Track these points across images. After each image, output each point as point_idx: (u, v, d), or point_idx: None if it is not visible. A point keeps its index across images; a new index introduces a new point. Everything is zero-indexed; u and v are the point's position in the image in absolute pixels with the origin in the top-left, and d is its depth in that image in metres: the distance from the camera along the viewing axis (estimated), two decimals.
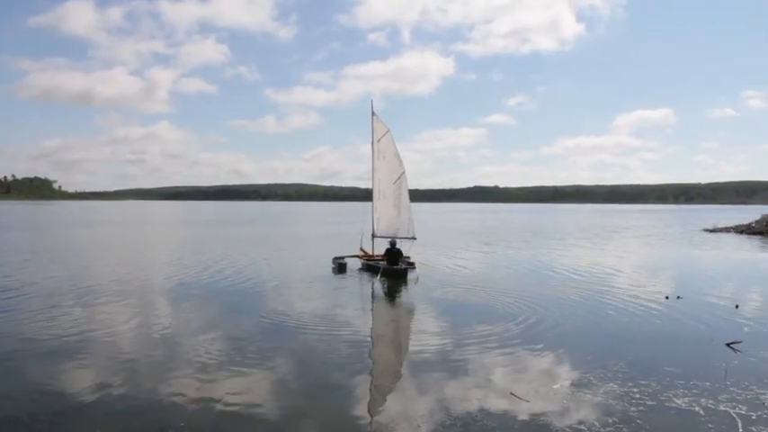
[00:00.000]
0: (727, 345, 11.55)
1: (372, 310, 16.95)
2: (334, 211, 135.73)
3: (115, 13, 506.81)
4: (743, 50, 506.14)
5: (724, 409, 8.06)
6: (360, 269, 24.20)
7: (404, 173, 24.16)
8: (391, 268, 21.87)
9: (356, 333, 13.11)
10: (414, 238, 24.05)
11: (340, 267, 23.88)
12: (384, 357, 11.67)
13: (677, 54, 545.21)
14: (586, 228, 65.26)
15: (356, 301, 17.64)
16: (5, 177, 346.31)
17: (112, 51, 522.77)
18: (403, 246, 23.35)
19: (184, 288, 18.93)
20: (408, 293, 19.15)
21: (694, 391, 8.77)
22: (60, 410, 7.98)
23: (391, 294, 19.19)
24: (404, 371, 10.20)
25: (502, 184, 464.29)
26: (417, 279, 21.38)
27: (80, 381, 9.18)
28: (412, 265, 22.58)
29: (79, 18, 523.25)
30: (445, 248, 35.02)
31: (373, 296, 19.03)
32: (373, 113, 24.96)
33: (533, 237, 48.87)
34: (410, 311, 16.65)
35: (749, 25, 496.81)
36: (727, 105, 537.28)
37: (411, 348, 11.89)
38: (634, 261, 29.51)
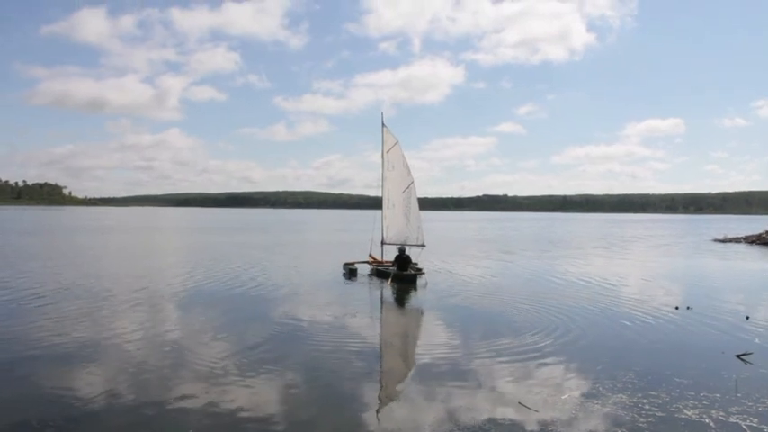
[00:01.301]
0: (738, 356, 11.47)
1: (382, 317, 16.97)
2: (344, 219, 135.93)
3: (127, 22, 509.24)
4: (753, 60, 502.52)
5: (734, 421, 8.01)
6: (369, 274, 24.88)
7: (412, 182, 24.88)
8: (401, 274, 22.61)
9: (366, 341, 13.13)
10: (423, 246, 24.58)
11: (350, 272, 24.80)
12: (393, 366, 11.67)
13: (687, 64, 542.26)
14: (601, 237, 64.97)
15: (366, 309, 17.67)
16: (16, 183, 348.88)
17: (124, 59, 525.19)
18: (412, 253, 24.02)
19: (195, 295, 19.01)
20: (420, 301, 19.25)
21: (704, 402, 8.72)
22: (70, 416, 8.02)
23: (402, 301, 19.38)
24: (413, 379, 10.17)
25: (511, 193, 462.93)
26: (426, 284, 21.91)
27: (90, 387, 9.22)
28: (420, 270, 23.13)
29: (92, 26, 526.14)
30: (463, 257, 35.15)
31: (383, 303, 19.18)
32: (383, 125, 25.79)
33: (550, 246, 48.64)
34: (420, 319, 16.66)
35: (759, 35, 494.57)
36: (737, 115, 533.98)
37: (420, 357, 11.87)
38: (646, 271, 29.34)
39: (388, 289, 21.16)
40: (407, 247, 24.14)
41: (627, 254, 40.83)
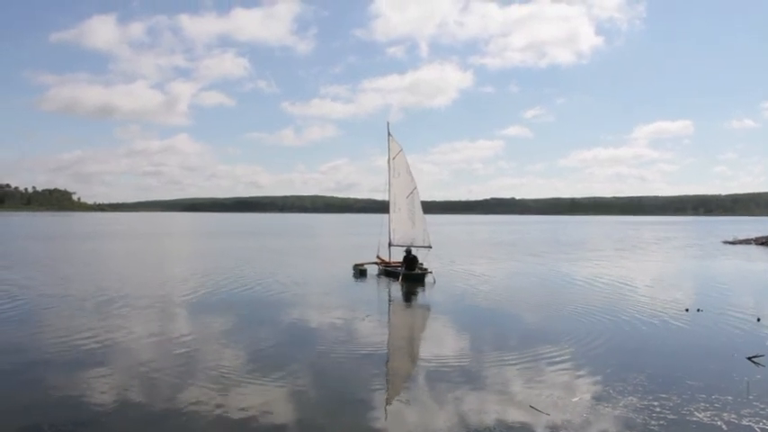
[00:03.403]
0: (749, 358, 11.40)
1: (393, 320, 17.00)
2: (352, 223, 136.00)
3: (137, 28, 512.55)
4: (761, 62, 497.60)
5: (747, 423, 7.96)
6: (378, 274, 26.21)
7: (415, 188, 26.24)
8: (410, 273, 23.88)
9: (375, 344, 13.14)
10: (429, 247, 25.71)
11: (360, 273, 26.26)
12: (402, 368, 11.65)
13: (695, 65, 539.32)
14: (617, 240, 64.56)
15: (377, 311, 17.79)
16: (26, 189, 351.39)
17: (133, 65, 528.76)
18: (419, 254, 25.16)
19: (207, 298, 19.07)
20: (431, 303, 19.49)
21: (716, 405, 8.68)
22: (81, 420, 8.08)
23: (412, 302, 19.83)
24: (422, 382, 10.16)
25: (519, 196, 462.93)
26: (434, 282, 23.00)
27: (101, 391, 9.28)
28: (426, 270, 24.25)
29: (101, 33, 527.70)
30: (477, 260, 35.30)
31: (394, 305, 19.55)
32: (389, 134, 27.16)
33: (568, 249, 48.34)
34: (431, 322, 16.66)
35: (767, 37, 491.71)
36: (745, 116, 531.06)
37: (430, 360, 11.83)
38: (656, 273, 29.21)
39: (398, 288, 22.10)
40: (414, 248, 25.28)
41: (641, 257, 40.59)
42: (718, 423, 7.96)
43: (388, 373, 11.07)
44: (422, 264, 24.72)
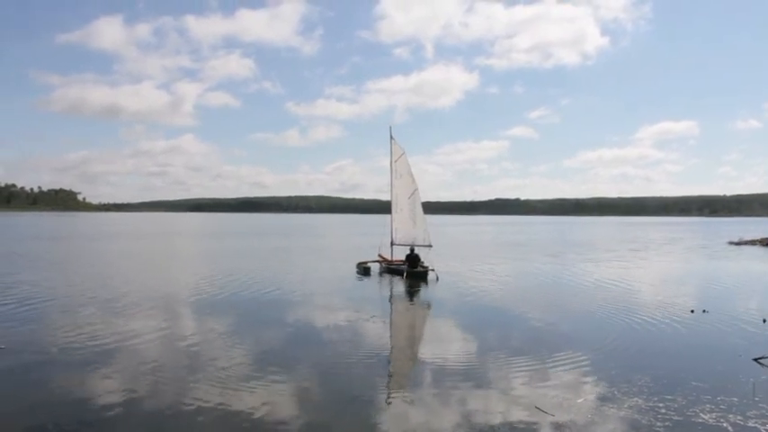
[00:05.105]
0: (755, 360, 11.36)
1: (397, 320, 17.03)
2: (357, 223, 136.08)
3: (143, 29, 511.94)
4: (766, 62, 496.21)
5: (753, 425, 7.93)
6: (381, 272, 26.96)
7: (416, 189, 27.18)
8: (414, 271, 24.62)
9: (379, 343, 13.18)
10: (430, 246, 26.62)
11: (364, 271, 27.08)
12: (406, 368, 11.64)
13: (701, 66, 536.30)
14: (625, 240, 64.48)
15: (380, 310, 17.89)
16: (32, 189, 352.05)
17: (140, 66, 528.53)
18: (420, 252, 25.96)
19: (212, 298, 19.12)
20: (437, 303, 19.50)
21: (722, 406, 8.65)
22: (86, 420, 8.11)
23: (417, 302, 19.96)
24: (426, 382, 10.15)
25: (523, 197, 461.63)
26: (437, 279, 23.74)
27: (105, 391, 9.30)
28: (427, 268, 25.00)
29: (108, 34, 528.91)
30: (485, 260, 35.30)
31: (398, 304, 19.71)
32: (391, 137, 28.07)
33: (581, 249, 48.25)
34: (436, 322, 16.66)
35: None
36: (750, 117, 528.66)
37: (435, 360, 11.82)
38: (661, 274, 29.17)
39: (401, 286, 22.67)
40: (416, 247, 26.17)
41: (646, 257, 40.46)
42: (724, 425, 7.94)
43: (393, 373, 11.09)
44: (423, 262, 25.42)
